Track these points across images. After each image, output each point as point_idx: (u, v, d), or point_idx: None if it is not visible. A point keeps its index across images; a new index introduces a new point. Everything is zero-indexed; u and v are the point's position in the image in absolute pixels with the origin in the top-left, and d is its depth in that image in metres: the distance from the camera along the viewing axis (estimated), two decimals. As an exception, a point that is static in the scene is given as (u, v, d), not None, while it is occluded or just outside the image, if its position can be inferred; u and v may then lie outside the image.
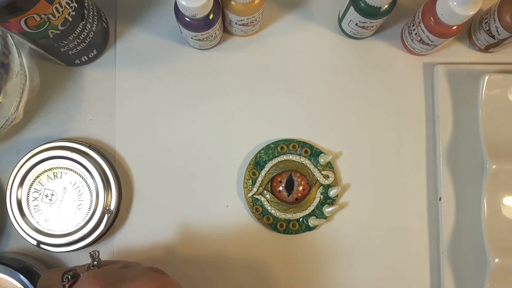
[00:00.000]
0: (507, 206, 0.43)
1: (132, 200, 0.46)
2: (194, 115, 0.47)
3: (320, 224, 0.45)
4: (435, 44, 0.44)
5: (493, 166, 0.43)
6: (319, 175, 0.45)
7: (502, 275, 0.42)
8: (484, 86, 0.44)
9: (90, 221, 0.43)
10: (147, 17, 0.48)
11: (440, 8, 0.40)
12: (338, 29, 0.48)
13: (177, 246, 0.45)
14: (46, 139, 0.45)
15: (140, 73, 0.47)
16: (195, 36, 0.43)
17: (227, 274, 0.45)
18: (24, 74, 0.45)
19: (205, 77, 0.47)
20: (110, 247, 0.45)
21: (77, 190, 0.43)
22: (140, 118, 0.46)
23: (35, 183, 0.43)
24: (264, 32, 0.48)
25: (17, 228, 0.42)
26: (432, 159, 0.47)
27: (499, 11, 0.42)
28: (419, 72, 0.48)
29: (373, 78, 0.47)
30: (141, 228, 0.45)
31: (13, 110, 0.44)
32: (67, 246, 0.43)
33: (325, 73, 0.47)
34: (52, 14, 0.35)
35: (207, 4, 0.38)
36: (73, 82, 0.47)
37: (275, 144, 0.46)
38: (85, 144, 0.45)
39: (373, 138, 0.47)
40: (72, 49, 0.42)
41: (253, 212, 0.45)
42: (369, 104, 0.47)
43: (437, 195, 0.46)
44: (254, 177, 0.45)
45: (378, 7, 0.41)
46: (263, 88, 0.47)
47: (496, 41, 0.44)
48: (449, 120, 0.46)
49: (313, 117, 0.47)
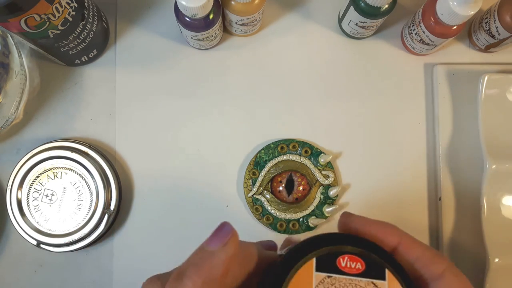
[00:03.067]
0: (506, 206, 0.43)
1: (132, 200, 0.46)
2: (194, 115, 0.47)
3: (320, 224, 0.45)
4: (435, 44, 0.44)
5: (492, 166, 0.43)
6: (319, 175, 0.45)
7: (502, 275, 0.42)
8: (484, 86, 0.44)
9: (90, 221, 0.43)
10: (147, 17, 0.48)
11: (440, 8, 0.40)
12: (338, 29, 0.48)
13: (177, 246, 0.45)
14: (46, 139, 0.45)
15: (140, 73, 0.47)
16: (195, 36, 0.43)
17: (227, 274, 0.45)
18: (24, 74, 0.45)
19: (205, 77, 0.47)
20: (110, 247, 0.45)
21: (77, 190, 0.43)
22: (140, 118, 0.46)
23: (35, 183, 0.43)
24: (264, 32, 0.48)
25: (17, 228, 0.42)
26: (432, 159, 0.47)
27: (499, 11, 0.42)
28: (419, 72, 0.48)
29: (373, 78, 0.47)
30: (141, 228, 0.45)
31: (13, 110, 0.44)
32: (67, 246, 0.43)
33: (325, 73, 0.47)
34: (52, 14, 0.35)
35: (207, 4, 0.38)
36: (73, 82, 0.47)
37: (275, 144, 0.46)
38: (85, 144, 0.45)
39: (373, 138, 0.47)
40: (72, 49, 0.42)
41: (253, 212, 0.45)
42: (369, 104, 0.47)
43: (437, 195, 0.46)
44: (254, 177, 0.45)
45: (378, 7, 0.41)
46: (263, 88, 0.47)
47: (496, 41, 0.44)
48: (449, 120, 0.46)
49: (313, 117, 0.47)
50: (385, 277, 0.25)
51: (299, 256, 0.25)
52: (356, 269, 0.25)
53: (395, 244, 0.26)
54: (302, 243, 0.26)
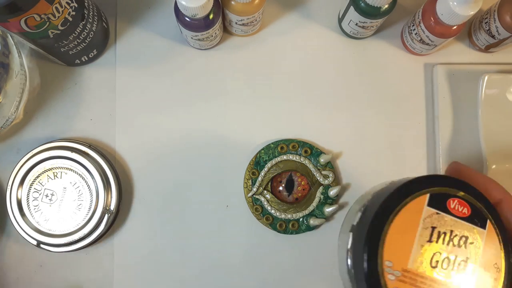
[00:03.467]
0: (507, 206, 0.43)
1: (132, 200, 0.46)
2: (194, 115, 0.47)
3: (320, 224, 0.45)
4: (435, 44, 0.44)
5: (492, 166, 0.43)
6: (319, 175, 0.45)
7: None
8: (484, 86, 0.44)
9: (90, 221, 0.43)
10: (147, 17, 0.48)
11: (440, 8, 0.40)
12: (338, 29, 0.48)
13: (177, 246, 0.45)
14: (46, 139, 0.45)
15: (140, 73, 0.47)
16: (195, 36, 0.43)
17: (227, 274, 0.45)
18: (24, 74, 0.45)
19: (205, 77, 0.47)
20: (110, 247, 0.45)
21: (77, 190, 0.43)
22: (140, 118, 0.46)
23: (35, 183, 0.43)
24: (264, 32, 0.48)
25: (17, 228, 0.42)
26: (432, 159, 0.47)
27: (499, 11, 0.42)
28: (419, 72, 0.48)
29: (373, 78, 0.47)
30: (141, 228, 0.45)
31: (13, 110, 0.44)
32: (67, 246, 0.43)
33: (325, 73, 0.47)
34: (52, 14, 0.35)
35: (207, 4, 0.38)
36: (73, 82, 0.47)
37: (275, 144, 0.46)
38: (85, 144, 0.45)
39: (373, 138, 0.47)
40: (72, 49, 0.42)
41: (253, 212, 0.45)
42: (369, 104, 0.47)
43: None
44: (254, 177, 0.45)
45: (378, 7, 0.41)
46: (263, 88, 0.47)
47: (496, 41, 0.44)
48: (449, 120, 0.46)
49: (313, 117, 0.47)
50: (486, 227, 0.27)
51: (416, 188, 0.27)
52: (462, 213, 0.27)
53: (498, 200, 0.28)
54: (419, 178, 0.28)
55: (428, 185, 0.27)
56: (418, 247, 0.26)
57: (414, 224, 0.27)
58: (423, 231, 0.27)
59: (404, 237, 0.26)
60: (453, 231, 0.27)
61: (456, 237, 0.27)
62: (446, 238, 0.27)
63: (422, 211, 0.27)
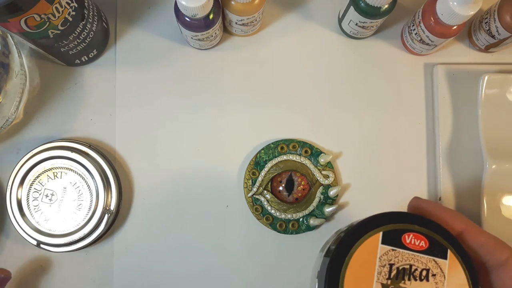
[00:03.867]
0: (506, 205, 0.43)
1: (132, 200, 0.46)
2: (194, 115, 0.47)
3: (320, 224, 0.45)
4: (435, 44, 0.44)
5: (492, 165, 0.43)
6: (319, 175, 0.45)
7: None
8: (484, 86, 0.44)
9: (90, 221, 0.43)
10: (147, 17, 0.48)
11: (440, 8, 0.40)
12: (338, 29, 0.48)
13: (177, 246, 0.45)
14: (46, 139, 0.45)
15: (140, 73, 0.47)
16: (195, 36, 0.43)
17: (227, 274, 0.45)
18: (24, 74, 0.45)
19: (205, 77, 0.47)
20: (110, 247, 0.45)
21: (77, 190, 0.43)
22: (140, 118, 0.46)
23: (35, 183, 0.43)
24: (264, 32, 0.48)
25: (17, 228, 0.42)
26: (432, 159, 0.47)
27: (499, 11, 0.42)
28: (419, 72, 0.48)
29: (373, 78, 0.47)
30: (141, 228, 0.45)
31: (13, 110, 0.44)
32: (67, 246, 0.43)
33: (325, 73, 0.47)
34: (52, 14, 0.35)
35: (207, 4, 0.38)
36: (73, 82, 0.47)
37: (275, 144, 0.46)
38: (85, 144, 0.45)
39: (373, 138, 0.47)
40: (72, 49, 0.42)
41: (253, 212, 0.45)
42: (369, 104, 0.47)
43: (437, 195, 0.46)
44: (254, 177, 0.45)
45: (378, 7, 0.41)
46: (263, 87, 0.47)
47: (496, 41, 0.44)
48: (449, 120, 0.46)
49: (313, 117, 0.47)
50: (447, 257, 0.27)
51: (368, 228, 0.27)
52: (420, 246, 0.27)
53: (461, 230, 0.28)
54: (372, 217, 0.28)
55: (380, 223, 0.27)
56: (379, 286, 0.26)
57: (371, 263, 0.26)
58: (380, 268, 0.26)
59: (363, 277, 0.26)
60: (412, 265, 0.26)
61: (417, 271, 0.26)
62: (407, 273, 0.26)
63: (377, 250, 0.27)
